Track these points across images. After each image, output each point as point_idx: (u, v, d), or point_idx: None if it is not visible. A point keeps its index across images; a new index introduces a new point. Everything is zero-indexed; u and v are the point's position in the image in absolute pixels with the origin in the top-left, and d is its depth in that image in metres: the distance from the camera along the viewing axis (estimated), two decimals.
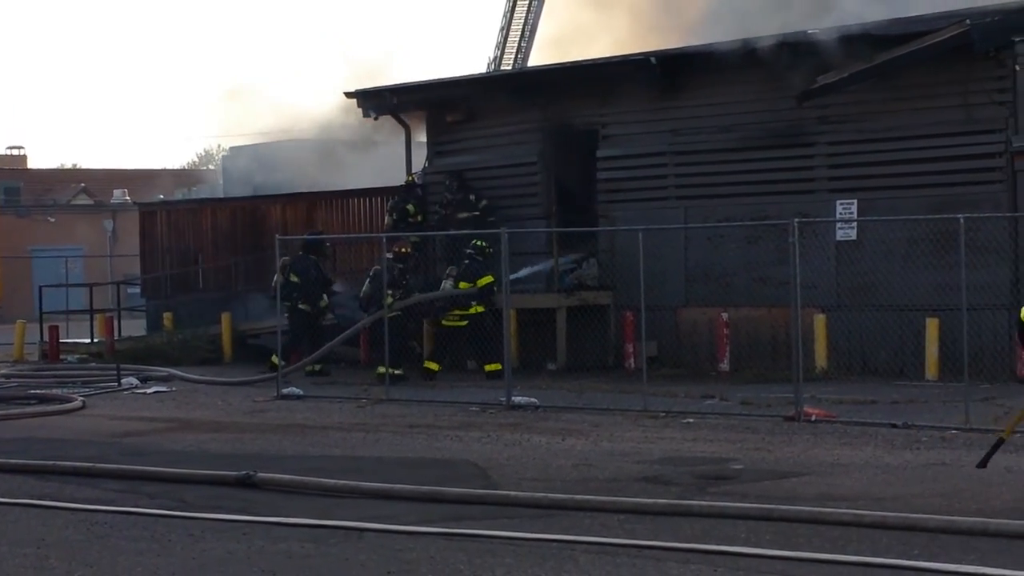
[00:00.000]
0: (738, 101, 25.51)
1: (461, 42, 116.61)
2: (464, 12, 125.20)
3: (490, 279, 24.96)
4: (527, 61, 44.43)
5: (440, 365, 25.67)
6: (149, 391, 25.14)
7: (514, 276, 23.60)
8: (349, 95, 31.12)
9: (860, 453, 15.63)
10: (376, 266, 25.76)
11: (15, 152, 75.80)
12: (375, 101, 30.48)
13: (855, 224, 23.82)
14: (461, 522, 11.86)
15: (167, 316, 33.38)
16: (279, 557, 10.85)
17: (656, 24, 37.51)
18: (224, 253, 34.24)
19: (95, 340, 34.06)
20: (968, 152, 23.00)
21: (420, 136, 31.00)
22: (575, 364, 25.90)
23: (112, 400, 24.13)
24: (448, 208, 28.79)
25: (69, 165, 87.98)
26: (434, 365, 25.62)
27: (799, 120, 24.76)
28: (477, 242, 25.69)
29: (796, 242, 19.13)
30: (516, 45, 45.45)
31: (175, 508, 12.95)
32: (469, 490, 13.35)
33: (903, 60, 23.08)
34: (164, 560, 10.84)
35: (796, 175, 24.96)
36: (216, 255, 34.49)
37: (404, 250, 26.23)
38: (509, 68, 43.51)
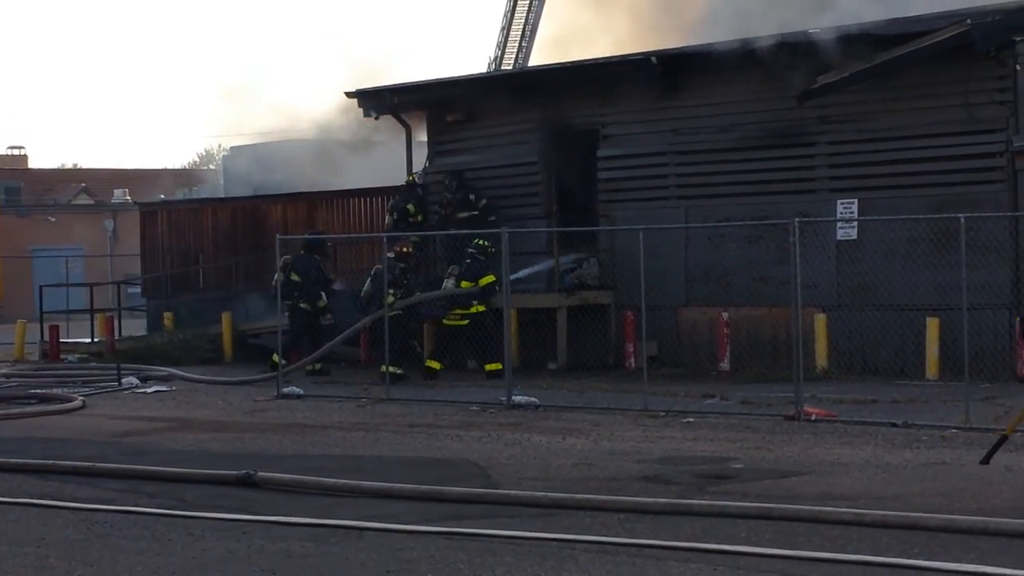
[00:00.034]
0: (738, 101, 25.51)
1: (461, 42, 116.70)
2: (464, 12, 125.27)
3: (492, 278, 24.95)
4: (528, 61, 44.47)
5: (442, 364, 25.68)
6: (149, 391, 25.14)
7: (514, 276, 23.59)
8: (349, 95, 31.12)
9: (860, 452, 15.62)
10: (377, 265, 25.77)
11: (16, 152, 75.85)
12: (375, 101, 30.47)
13: (855, 224, 23.82)
14: (461, 521, 11.85)
15: (167, 316, 33.38)
16: (279, 556, 10.85)
17: (656, 24, 37.53)
18: (225, 253, 34.23)
19: (95, 340, 34.06)
20: (969, 152, 23.00)
21: (421, 136, 31.00)
22: (575, 364, 25.91)
23: (112, 400, 24.13)
24: (448, 208, 28.78)
25: (70, 165, 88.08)
26: (435, 364, 25.64)
27: (799, 120, 24.76)
28: (479, 241, 25.68)
29: (796, 242, 19.12)
30: (517, 45, 45.50)
31: (175, 507, 12.94)
32: (469, 489, 13.34)
33: (904, 60, 23.08)
34: (164, 559, 10.84)
35: (797, 175, 24.96)
36: (217, 255, 34.48)
37: (405, 250, 26.23)
38: (509, 68, 43.55)
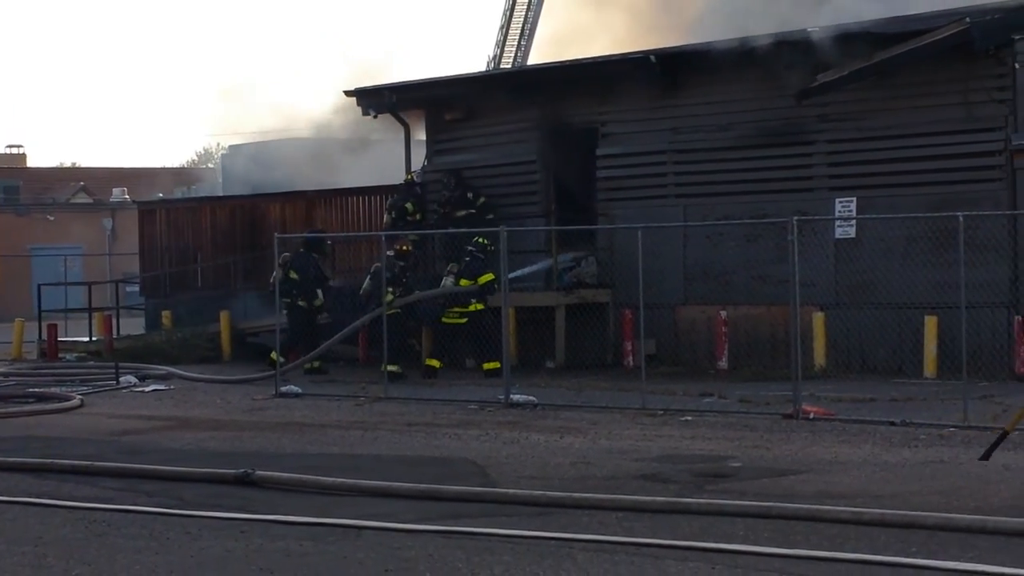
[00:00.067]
0: (737, 99, 25.51)
1: (461, 41, 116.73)
2: (464, 11, 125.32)
3: (491, 277, 24.92)
4: (527, 60, 44.47)
5: (441, 362, 25.66)
6: (148, 389, 25.13)
7: (513, 274, 23.59)
8: (348, 93, 31.10)
9: (858, 451, 15.62)
10: (377, 263, 25.75)
11: (14, 151, 75.84)
12: (374, 99, 30.45)
13: (854, 222, 23.81)
14: (459, 520, 11.85)
15: (166, 314, 33.36)
16: (277, 555, 10.84)
17: (655, 23, 37.53)
18: (223, 252, 34.22)
19: (94, 339, 34.04)
20: (967, 150, 23.00)
21: (419, 134, 31.00)
22: (574, 362, 25.90)
23: (111, 398, 24.11)
24: (446, 206, 28.78)
25: (68, 164, 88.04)
26: (435, 362, 25.62)
27: (798, 118, 24.75)
28: (479, 239, 25.66)
29: (795, 240, 19.11)
30: (516, 44, 45.52)
31: (173, 506, 12.93)
32: (467, 488, 13.34)
33: (903, 58, 23.08)
34: (162, 558, 10.83)
35: (795, 173, 24.95)
36: (215, 254, 34.47)
37: (405, 248, 26.23)
38: (508, 66, 43.55)
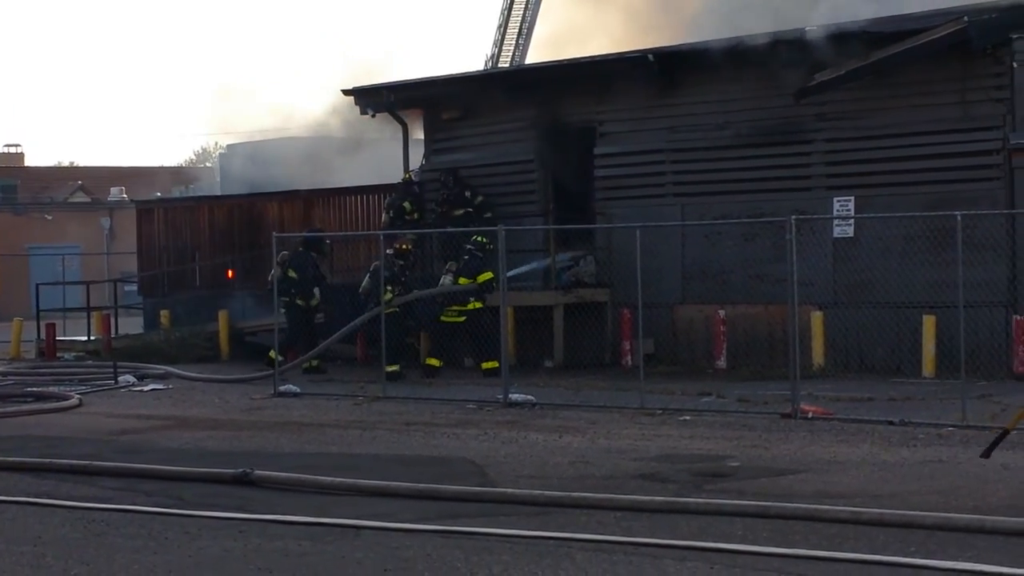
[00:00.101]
0: (735, 98, 25.50)
1: (459, 40, 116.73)
2: (462, 11, 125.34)
3: (490, 275, 24.90)
4: (524, 59, 44.48)
5: (441, 361, 25.63)
6: (146, 389, 25.12)
7: (511, 273, 23.59)
8: (347, 92, 31.07)
9: (857, 450, 15.62)
10: (376, 261, 25.74)
11: (12, 150, 75.82)
12: (372, 99, 30.44)
13: (852, 221, 23.81)
14: (458, 520, 11.85)
15: (164, 314, 33.35)
16: (276, 555, 10.84)
17: (652, 23, 37.53)
18: (221, 251, 34.21)
19: (92, 338, 34.02)
20: (965, 149, 23.00)
21: (417, 133, 30.99)
22: (572, 361, 25.89)
23: (109, 398, 24.10)
24: (444, 206, 28.77)
25: (66, 163, 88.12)
26: (436, 362, 25.58)
27: (796, 117, 24.75)
28: (478, 238, 25.64)
29: (793, 239, 19.11)
30: (513, 43, 45.55)
31: (172, 506, 12.94)
32: (466, 488, 13.34)
33: (900, 57, 23.08)
34: (161, 558, 10.83)
35: (793, 172, 24.95)
36: (213, 253, 34.45)
37: (405, 247, 26.21)
38: (506, 66, 43.56)
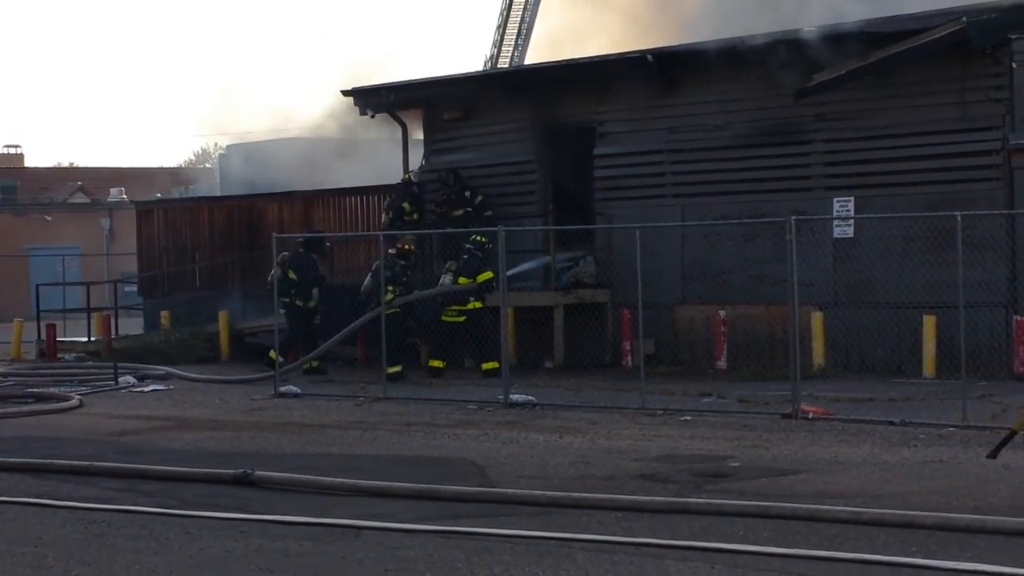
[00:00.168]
0: (735, 99, 25.50)
1: (458, 41, 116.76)
2: (462, 11, 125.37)
3: (490, 275, 24.89)
4: (523, 60, 44.48)
5: (444, 361, 25.60)
6: (146, 390, 25.12)
7: (511, 272, 23.59)
8: (346, 93, 31.07)
9: (857, 450, 15.63)
10: (377, 261, 25.73)
11: (12, 151, 75.83)
12: (372, 99, 30.44)
13: (852, 221, 23.81)
14: (458, 520, 11.85)
15: (164, 314, 33.33)
16: (276, 555, 10.84)
17: (651, 24, 37.53)
18: (221, 251, 34.21)
19: (92, 339, 34.01)
20: (965, 149, 23.00)
21: (417, 134, 30.99)
22: (572, 362, 25.89)
23: (109, 399, 24.11)
24: (444, 206, 28.77)
25: (66, 163, 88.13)
26: (439, 363, 25.53)
27: (796, 117, 24.75)
28: (476, 237, 25.62)
29: (793, 240, 19.11)
30: (512, 44, 45.55)
31: (173, 506, 12.94)
32: (467, 488, 13.34)
33: (900, 57, 23.08)
34: (162, 558, 10.84)
35: (793, 172, 24.95)
36: (213, 253, 34.45)
37: (407, 247, 26.20)
38: (506, 66, 43.56)
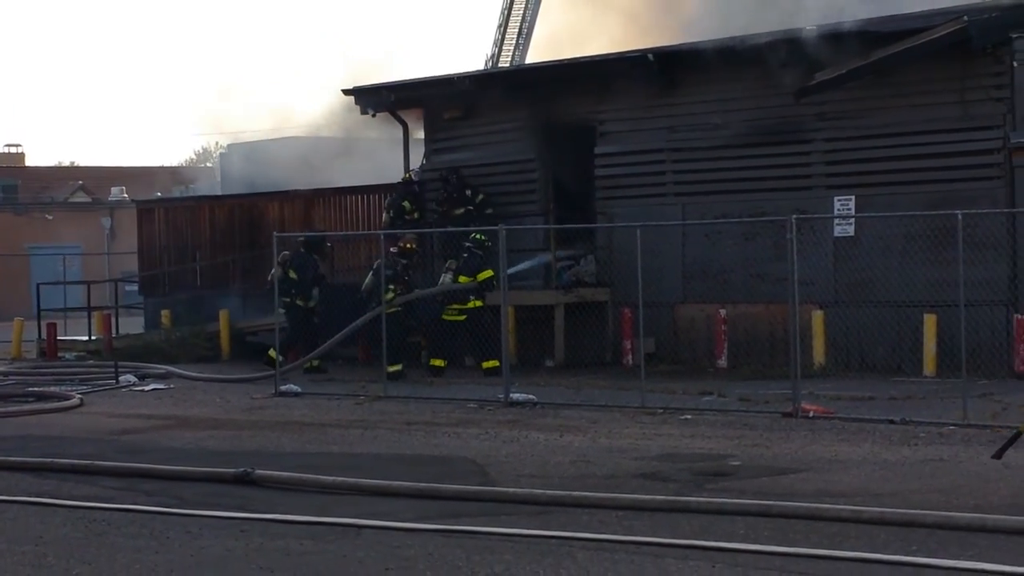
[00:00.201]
0: (735, 98, 25.50)
1: (459, 40, 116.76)
2: (462, 11, 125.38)
3: (490, 273, 24.90)
4: (524, 59, 44.48)
5: (444, 360, 25.58)
6: (147, 389, 25.13)
7: (511, 271, 23.59)
8: (347, 92, 31.08)
9: (858, 449, 15.63)
10: (378, 260, 25.73)
11: (12, 150, 75.82)
12: (373, 98, 30.45)
13: (853, 220, 23.82)
14: (459, 519, 11.86)
15: (165, 313, 33.34)
16: (277, 554, 10.85)
17: (651, 23, 37.53)
18: (222, 250, 34.21)
19: (93, 338, 34.03)
20: (966, 148, 23.00)
21: (418, 133, 30.99)
22: (573, 361, 25.90)
23: (110, 398, 24.11)
24: (444, 205, 28.78)
25: (67, 163, 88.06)
26: (440, 362, 25.51)
27: (797, 116, 24.75)
28: (476, 236, 25.62)
29: (794, 238, 19.11)
30: (513, 43, 45.55)
31: (173, 505, 12.95)
32: (467, 487, 13.35)
33: (901, 56, 23.07)
34: (162, 557, 10.84)
35: (794, 171, 24.96)
36: (214, 252, 34.46)
37: (409, 246, 26.20)
38: (507, 65, 43.55)
